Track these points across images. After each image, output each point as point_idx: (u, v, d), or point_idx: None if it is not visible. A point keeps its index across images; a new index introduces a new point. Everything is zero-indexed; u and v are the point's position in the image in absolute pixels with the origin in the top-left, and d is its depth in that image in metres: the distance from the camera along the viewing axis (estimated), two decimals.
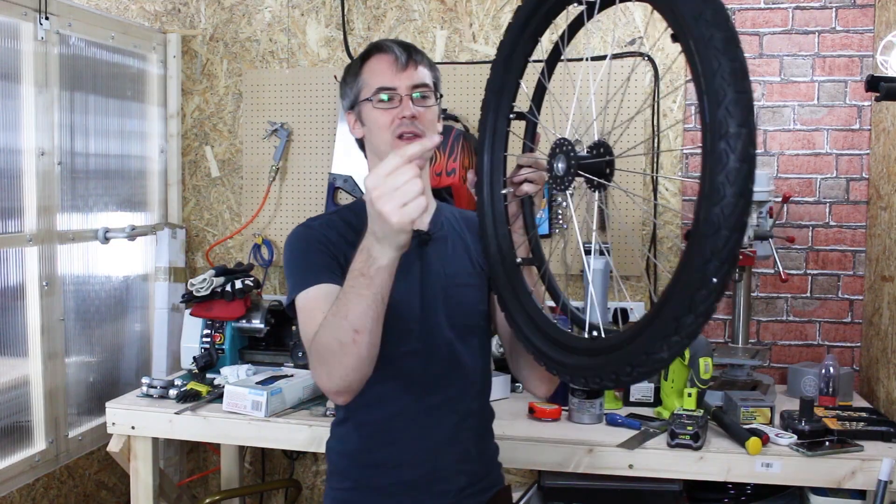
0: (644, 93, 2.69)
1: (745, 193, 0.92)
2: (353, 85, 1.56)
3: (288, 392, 2.25)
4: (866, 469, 1.94)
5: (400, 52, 1.51)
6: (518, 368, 1.59)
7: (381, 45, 1.54)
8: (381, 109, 1.50)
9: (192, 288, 2.52)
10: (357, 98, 1.55)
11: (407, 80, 1.50)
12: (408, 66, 1.51)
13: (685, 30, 1.00)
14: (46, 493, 2.68)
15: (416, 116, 1.49)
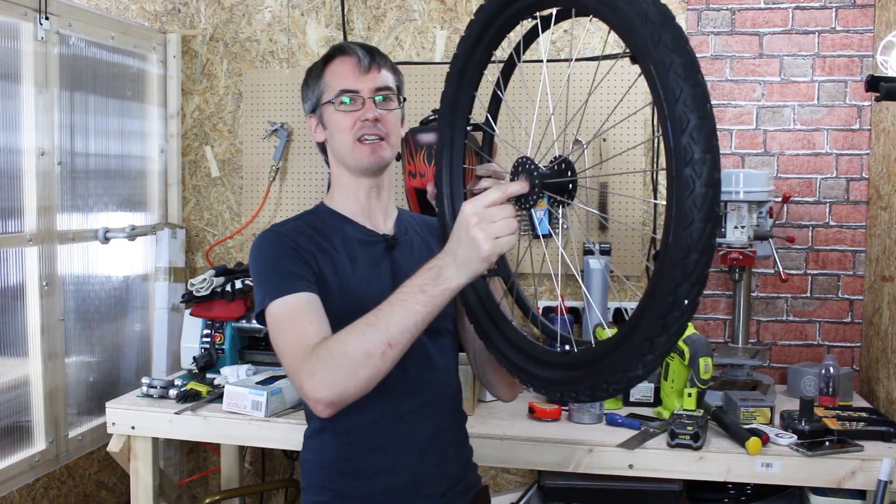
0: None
1: (712, 217, 0.96)
2: (314, 88, 1.55)
3: (288, 392, 2.25)
4: (866, 469, 1.94)
5: (363, 55, 1.51)
6: (483, 373, 1.59)
7: (343, 47, 1.54)
8: (342, 112, 1.50)
9: (192, 288, 2.52)
10: (319, 101, 1.54)
11: (370, 83, 1.50)
12: (371, 68, 1.51)
13: (645, 54, 1.00)
14: (46, 493, 2.68)
15: (379, 119, 1.49)
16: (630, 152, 2.70)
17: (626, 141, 2.70)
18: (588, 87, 2.70)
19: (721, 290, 2.71)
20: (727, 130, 2.69)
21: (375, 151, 1.50)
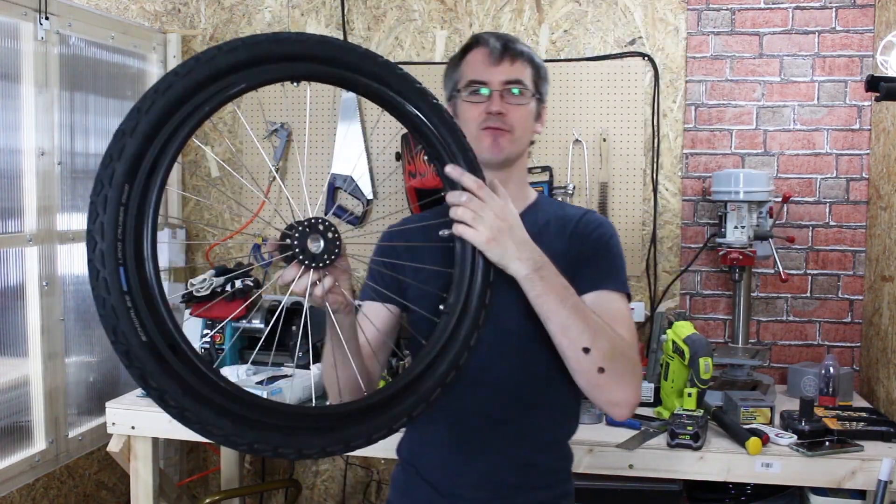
0: None
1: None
2: (451, 76, 1.54)
3: (288, 392, 2.25)
4: (866, 469, 1.94)
5: (495, 45, 1.47)
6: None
7: (479, 37, 1.51)
8: (470, 103, 1.47)
9: (192, 288, 2.52)
10: (453, 89, 1.52)
11: (500, 75, 1.46)
12: (502, 60, 1.46)
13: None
14: (46, 493, 2.68)
15: (504, 113, 1.45)
16: (630, 152, 2.70)
17: (626, 141, 2.70)
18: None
19: (721, 290, 2.71)
20: (727, 130, 2.69)
21: (497, 141, 1.45)
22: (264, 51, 1.06)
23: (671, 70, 2.70)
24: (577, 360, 1.30)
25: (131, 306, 0.95)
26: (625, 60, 2.71)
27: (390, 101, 1.18)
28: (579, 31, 2.74)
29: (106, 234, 0.94)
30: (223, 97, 1.03)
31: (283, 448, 1.04)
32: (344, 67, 1.13)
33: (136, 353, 0.96)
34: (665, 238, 2.74)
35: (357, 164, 2.83)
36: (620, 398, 1.33)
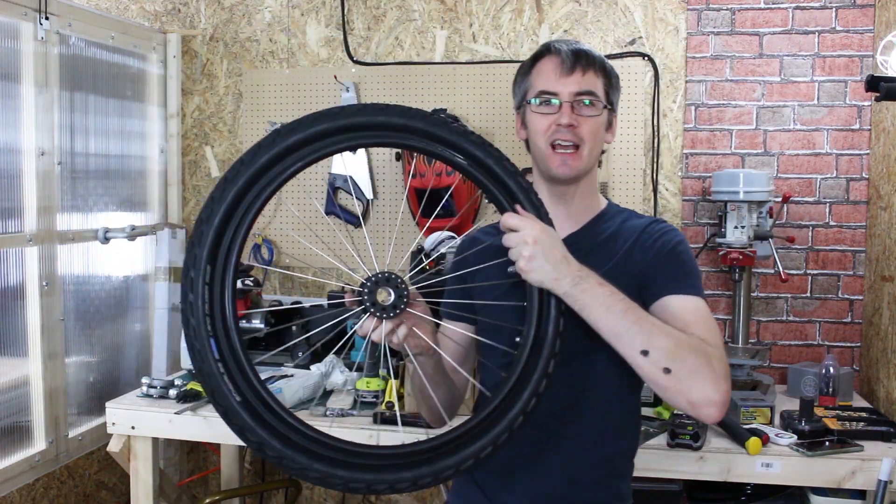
0: (644, 93, 2.70)
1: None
2: (521, 84, 1.51)
3: (288, 392, 2.25)
4: (866, 469, 1.94)
5: (567, 56, 1.44)
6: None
7: (550, 46, 1.48)
8: (539, 114, 1.45)
9: None
10: (522, 99, 1.50)
11: (570, 86, 1.43)
12: (574, 70, 1.44)
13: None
14: (46, 493, 2.68)
15: (574, 125, 1.43)
16: (630, 152, 2.70)
17: (626, 141, 2.70)
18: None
19: (721, 290, 2.71)
20: (727, 130, 2.69)
21: (566, 162, 1.44)
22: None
23: (671, 70, 2.70)
24: (637, 365, 1.26)
25: (224, 371, 1.10)
26: (625, 60, 2.71)
27: (441, 156, 1.24)
28: (579, 31, 2.74)
29: (196, 311, 1.10)
30: (285, 175, 1.17)
31: (376, 485, 1.15)
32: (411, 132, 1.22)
33: (234, 412, 1.11)
34: None
35: (357, 164, 2.83)
36: (699, 397, 1.24)
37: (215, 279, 1.12)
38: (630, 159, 2.71)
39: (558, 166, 1.44)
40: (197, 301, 1.10)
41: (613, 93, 1.51)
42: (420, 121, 1.20)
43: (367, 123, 1.18)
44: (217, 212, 1.12)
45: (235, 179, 1.12)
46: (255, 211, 1.14)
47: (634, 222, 1.50)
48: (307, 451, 1.12)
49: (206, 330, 1.10)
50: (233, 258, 1.13)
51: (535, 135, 1.46)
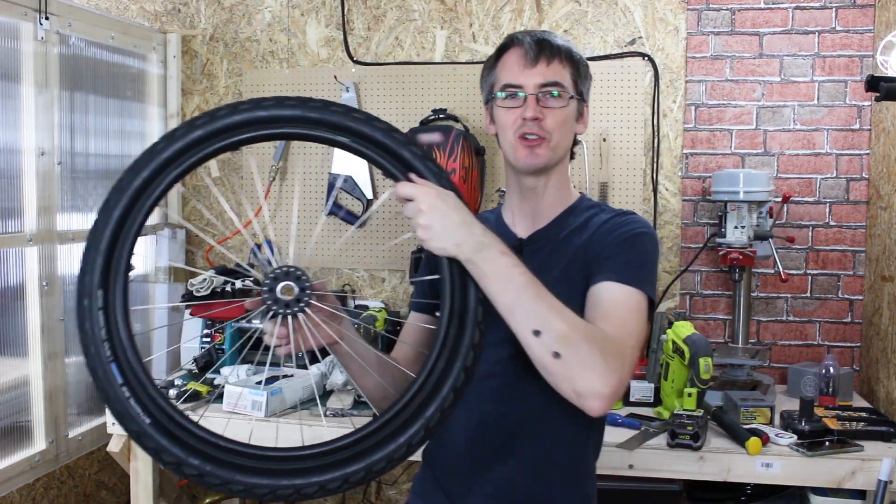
0: (644, 92, 2.70)
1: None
2: (487, 79, 1.48)
3: (288, 392, 2.25)
4: (866, 469, 1.94)
5: (530, 46, 1.40)
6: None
7: (514, 37, 1.44)
8: (505, 108, 1.42)
9: (192, 288, 2.52)
10: (490, 93, 1.47)
11: (535, 78, 1.40)
12: (538, 61, 1.40)
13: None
14: (46, 493, 2.68)
15: (540, 118, 1.39)
16: (630, 152, 2.70)
17: (626, 141, 2.70)
18: None
19: (721, 290, 2.71)
20: (727, 130, 2.69)
21: (532, 152, 1.41)
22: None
23: (671, 70, 2.70)
24: (527, 345, 1.19)
25: (129, 395, 1.08)
26: (625, 60, 2.71)
27: (320, 139, 1.18)
28: (579, 31, 2.74)
29: (94, 338, 1.09)
30: (162, 190, 1.17)
31: (305, 489, 1.11)
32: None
33: (146, 434, 1.08)
34: (665, 238, 2.74)
35: (357, 164, 2.83)
36: (584, 387, 1.17)
37: (109, 303, 1.10)
38: (630, 159, 2.71)
39: (525, 157, 1.41)
40: (94, 328, 1.09)
41: (582, 82, 1.46)
42: (297, 108, 1.14)
43: (242, 121, 1.13)
44: (104, 236, 1.12)
45: (117, 203, 1.15)
46: (139, 226, 1.14)
47: (602, 216, 1.46)
48: (227, 463, 1.09)
49: (106, 355, 1.08)
50: (122, 279, 1.11)
51: (502, 129, 1.44)
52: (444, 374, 1.14)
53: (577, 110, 1.46)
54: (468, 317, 1.17)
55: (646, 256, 1.38)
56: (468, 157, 2.61)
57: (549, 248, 1.44)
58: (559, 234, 1.46)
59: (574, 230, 1.45)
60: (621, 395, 1.23)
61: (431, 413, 1.12)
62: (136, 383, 1.09)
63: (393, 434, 1.12)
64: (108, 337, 1.09)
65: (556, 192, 1.49)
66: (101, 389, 1.09)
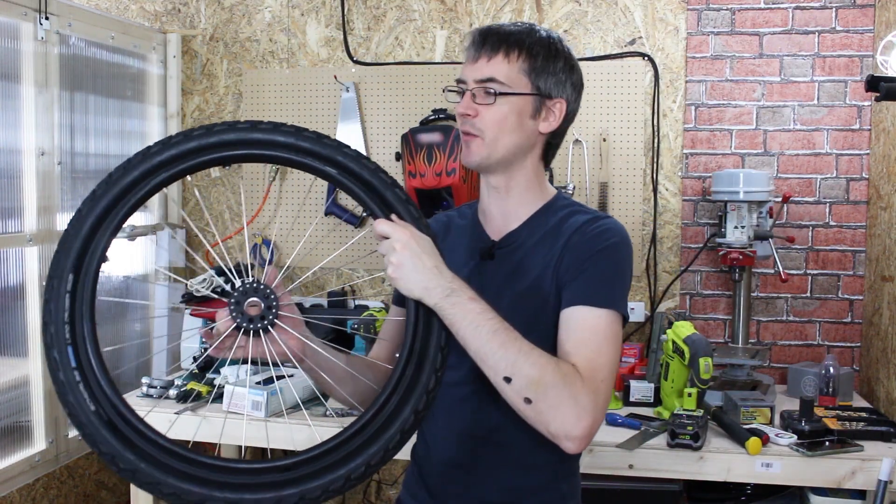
0: (644, 93, 2.70)
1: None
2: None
3: (288, 392, 2.25)
4: (866, 469, 1.94)
5: (475, 40, 1.38)
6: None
7: (473, 30, 1.42)
8: (456, 104, 1.40)
9: (192, 288, 2.52)
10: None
11: (474, 73, 1.36)
12: (479, 56, 1.36)
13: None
14: (46, 493, 2.67)
15: (469, 114, 1.36)
16: (630, 152, 2.70)
17: (626, 141, 2.70)
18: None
19: (721, 290, 2.71)
20: (727, 130, 2.69)
21: (468, 147, 1.38)
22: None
23: (671, 70, 2.70)
24: (500, 389, 1.21)
25: (80, 380, 1.10)
26: (625, 60, 2.71)
27: (306, 167, 1.19)
28: (579, 31, 2.74)
29: (56, 318, 1.10)
30: (151, 188, 1.16)
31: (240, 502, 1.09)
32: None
33: (89, 422, 1.09)
34: (665, 238, 2.74)
35: None
36: (557, 430, 1.19)
37: (77, 289, 1.11)
38: (630, 159, 2.71)
39: (463, 154, 1.40)
40: (58, 309, 1.10)
41: (542, 76, 1.38)
42: (291, 136, 1.16)
43: (236, 140, 1.16)
44: (85, 224, 1.12)
45: (104, 195, 1.14)
46: (120, 221, 1.14)
47: (576, 218, 1.40)
48: (163, 465, 1.08)
49: (64, 338, 1.10)
50: (94, 269, 1.12)
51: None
52: (394, 415, 1.13)
53: (534, 107, 1.38)
54: (427, 362, 1.16)
55: (618, 271, 1.34)
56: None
57: (521, 254, 1.41)
58: (530, 238, 1.42)
59: (546, 234, 1.41)
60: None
61: (375, 451, 1.12)
62: (89, 370, 1.12)
63: (333, 465, 1.10)
64: (70, 321, 1.10)
65: (523, 191, 1.43)
66: (53, 371, 1.10)
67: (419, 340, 1.18)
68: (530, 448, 1.38)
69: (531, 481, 1.41)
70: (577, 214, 1.41)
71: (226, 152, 1.16)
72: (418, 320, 1.18)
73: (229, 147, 1.16)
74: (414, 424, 1.14)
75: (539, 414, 1.19)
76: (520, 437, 1.37)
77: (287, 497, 1.07)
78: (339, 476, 1.09)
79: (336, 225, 2.91)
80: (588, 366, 1.23)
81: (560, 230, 1.39)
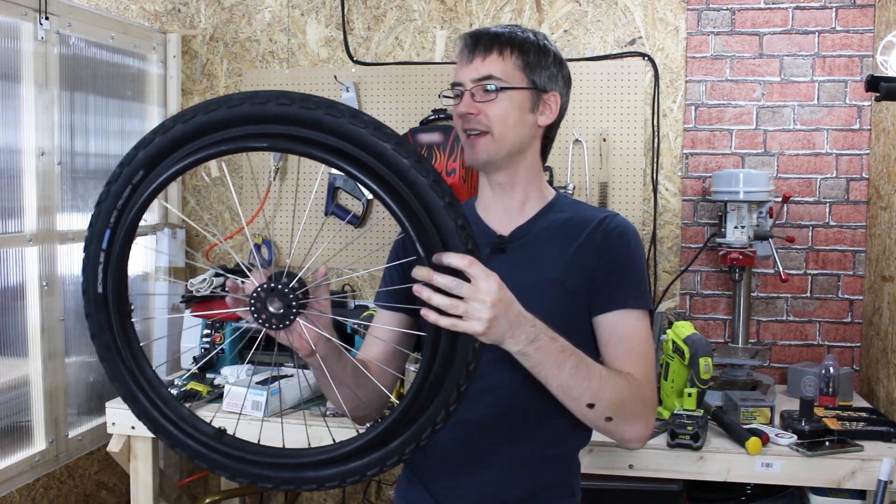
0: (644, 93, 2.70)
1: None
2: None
3: (288, 392, 2.25)
4: (866, 469, 1.94)
5: (467, 42, 1.40)
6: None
7: (462, 35, 1.43)
8: (452, 106, 1.42)
9: (192, 288, 2.52)
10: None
11: (471, 73, 1.38)
12: (473, 56, 1.39)
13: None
14: (46, 493, 2.68)
15: (472, 113, 1.37)
16: (630, 152, 2.70)
17: (626, 141, 2.70)
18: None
19: (721, 290, 2.71)
20: (727, 130, 2.69)
21: (474, 146, 1.39)
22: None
23: (671, 70, 2.70)
24: (582, 414, 1.28)
25: (102, 262, 1.11)
26: (625, 60, 2.71)
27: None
28: (579, 31, 2.74)
29: (108, 199, 1.11)
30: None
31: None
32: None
33: (93, 298, 1.13)
34: (665, 238, 2.74)
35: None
36: (631, 436, 1.33)
37: (142, 184, 1.09)
38: (630, 159, 2.71)
39: (469, 153, 1.40)
40: (110, 192, 1.10)
41: (535, 70, 1.40)
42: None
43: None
44: (173, 134, 1.11)
45: (151, 141, 1.12)
46: (188, 163, 1.11)
47: (586, 214, 1.44)
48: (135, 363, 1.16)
49: (108, 220, 1.10)
50: (161, 180, 1.09)
51: (456, 126, 1.43)
52: (396, 434, 1.13)
53: (532, 101, 1.41)
54: (443, 388, 1.11)
55: (642, 267, 1.43)
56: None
57: (534, 248, 1.42)
58: (544, 231, 1.44)
59: (560, 228, 1.43)
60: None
61: (369, 467, 1.14)
62: (114, 263, 1.12)
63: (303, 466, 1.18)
64: (122, 209, 1.10)
65: (527, 187, 1.45)
66: (86, 244, 1.12)
67: (446, 367, 1.10)
68: (547, 443, 1.41)
69: (546, 476, 1.43)
70: (584, 211, 1.46)
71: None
72: (452, 348, 1.10)
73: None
74: (414, 451, 1.14)
75: (618, 426, 1.31)
76: (537, 433, 1.40)
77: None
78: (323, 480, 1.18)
79: (336, 225, 2.91)
80: (643, 371, 1.35)
81: (572, 225, 1.43)
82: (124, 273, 1.13)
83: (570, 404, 1.27)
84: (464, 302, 1.08)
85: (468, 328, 1.09)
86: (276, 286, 1.13)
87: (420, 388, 1.09)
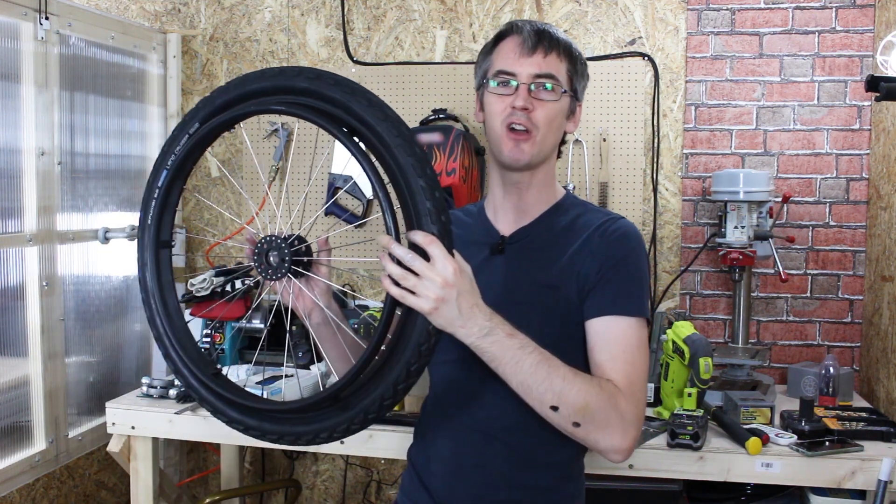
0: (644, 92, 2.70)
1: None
2: (482, 64, 1.44)
3: (288, 392, 2.25)
4: (866, 469, 1.94)
5: (529, 35, 1.37)
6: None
7: (514, 24, 1.41)
8: (496, 95, 1.38)
9: (192, 288, 2.52)
10: (482, 79, 1.43)
11: (530, 67, 1.35)
12: (535, 51, 1.36)
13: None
14: (46, 493, 2.68)
15: (529, 109, 1.35)
16: (630, 152, 2.70)
17: (626, 141, 2.70)
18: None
19: (721, 290, 2.71)
20: (727, 130, 2.69)
21: (518, 145, 1.37)
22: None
23: (671, 70, 2.70)
24: (548, 417, 1.25)
25: (157, 199, 1.28)
26: (625, 60, 2.71)
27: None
28: (579, 31, 2.74)
29: (171, 147, 1.28)
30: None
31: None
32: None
33: (146, 231, 1.30)
34: (665, 238, 2.74)
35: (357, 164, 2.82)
36: (606, 446, 1.27)
37: (197, 139, 1.24)
38: (630, 159, 2.71)
39: (510, 150, 1.38)
40: (174, 141, 1.26)
41: (578, 80, 1.42)
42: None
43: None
44: (229, 96, 1.25)
45: (212, 101, 1.28)
46: (232, 117, 1.24)
47: (588, 218, 1.43)
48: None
49: (166, 164, 1.27)
50: (204, 137, 1.25)
51: (491, 117, 1.40)
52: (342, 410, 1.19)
53: (570, 108, 1.43)
54: (396, 364, 1.17)
55: (642, 277, 1.38)
56: (468, 157, 2.61)
57: (533, 251, 1.42)
58: (545, 234, 1.43)
59: (561, 232, 1.42)
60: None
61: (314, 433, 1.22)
62: (163, 199, 1.28)
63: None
64: (183, 157, 1.25)
65: (541, 188, 1.45)
66: (148, 183, 1.29)
67: (400, 349, 1.15)
68: (543, 448, 1.39)
69: (542, 481, 1.41)
70: (588, 214, 1.44)
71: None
72: (408, 326, 1.16)
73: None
74: (353, 429, 1.20)
75: (588, 434, 1.25)
76: (533, 437, 1.38)
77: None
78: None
79: (336, 225, 2.91)
80: (626, 379, 1.28)
81: (573, 229, 1.41)
82: (171, 208, 1.30)
83: (534, 405, 1.24)
84: (416, 277, 1.12)
85: (415, 303, 1.12)
86: (278, 240, 1.28)
87: (369, 357, 1.13)
